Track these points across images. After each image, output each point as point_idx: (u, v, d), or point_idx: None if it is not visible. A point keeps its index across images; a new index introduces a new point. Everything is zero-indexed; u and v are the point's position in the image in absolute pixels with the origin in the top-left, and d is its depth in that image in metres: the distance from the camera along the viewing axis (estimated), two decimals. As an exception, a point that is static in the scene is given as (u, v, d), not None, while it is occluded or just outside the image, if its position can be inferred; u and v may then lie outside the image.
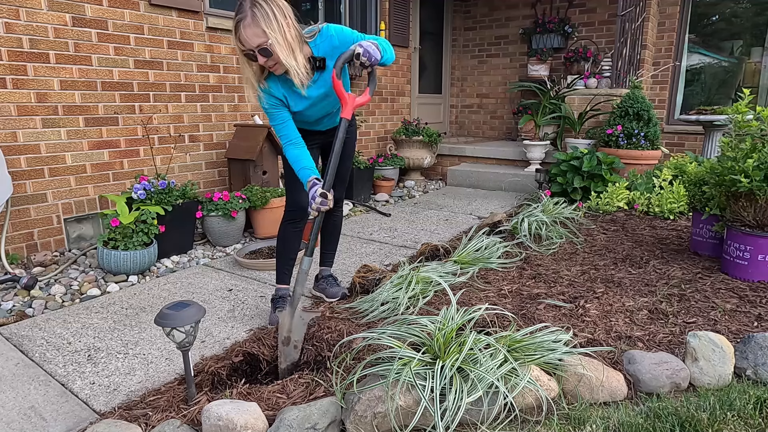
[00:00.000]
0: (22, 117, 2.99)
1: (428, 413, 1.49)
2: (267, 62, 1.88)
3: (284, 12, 1.86)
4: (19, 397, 1.76)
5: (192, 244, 3.40)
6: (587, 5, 6.34)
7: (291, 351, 1.93)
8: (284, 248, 2.33)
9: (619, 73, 5.39)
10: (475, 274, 2.82)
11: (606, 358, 1.89)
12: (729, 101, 6.07)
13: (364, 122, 5.70)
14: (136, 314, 2.42)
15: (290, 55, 1.86)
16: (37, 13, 2.97)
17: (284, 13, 1.85)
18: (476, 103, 7.46)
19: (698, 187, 3.05)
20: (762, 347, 1.81)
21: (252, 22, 1.80)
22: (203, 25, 3.85)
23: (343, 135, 1.93)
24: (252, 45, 1.83)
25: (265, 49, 1.83)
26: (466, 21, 7.30)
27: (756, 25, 5.80)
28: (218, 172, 4.15)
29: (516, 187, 5.41)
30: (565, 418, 1.58)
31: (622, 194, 4.28)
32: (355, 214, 4.50)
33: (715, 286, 2.60)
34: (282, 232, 2.31)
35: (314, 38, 1.99)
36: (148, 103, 3.59)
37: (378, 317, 2.28)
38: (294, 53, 1.87)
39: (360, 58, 1.83)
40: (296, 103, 2.05)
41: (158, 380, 1.87)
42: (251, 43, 1.82)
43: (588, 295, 2.49)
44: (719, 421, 1.51)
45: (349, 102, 1.95)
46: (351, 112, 1.96)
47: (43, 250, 3.16)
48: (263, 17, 1.80)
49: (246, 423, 1.44)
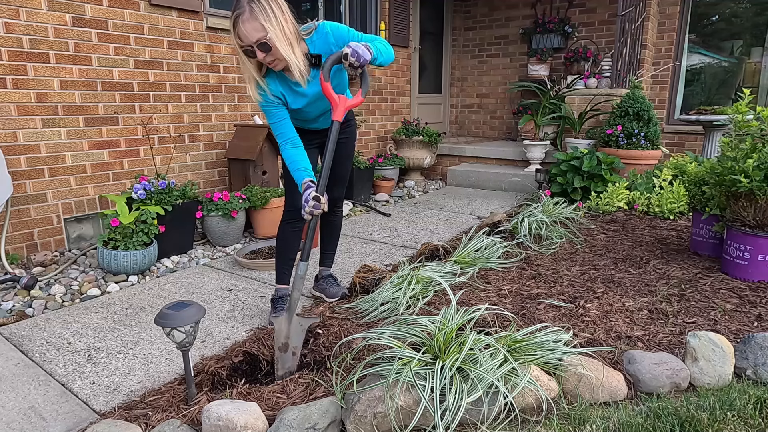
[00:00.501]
0: (22, 117, 2.99)
1: (428, 413, 1.49)
2: (266, 58, 1.88)
3: (281, 7, 1.86)
4: (19, 397, 1.76)
5: (192, 244, 3.40)
6: (587, 5, 6.34)
7: (289, 358, 1.88)
8: (284, 248, 2.32)
9: (619, 73, 5.39)
10: (475, 274, 2.82)
11: (606, 358, 1.89)
12: (729, 101, 6.07)
13: (364, 122, 5.70)
14: (136, 314, 2.42)
15: (289, 48, 1.86)
16: (37, 13, 2.97)
17: (281, 8, 1.86)
18: (476, 103, 7.46)
19: (698, 187, 3.05)
20: (762, 347, 1.81)
21: (250, 17, 1.80)
22: (203, 25, 3.85)
23: (335, 137, 1.91)
24: (251, 40, 1.83)
25: (264, 44, 1.83)
26: (466, 21, 7.30)
27: (756, 25, 5.80)
28: (218, 172, 4.15)
29: (516, 187, 5.41)
30: (565, 418, 1.58)
31: (622, 194, 4.28)
32: (355, 214, 4.50)
33: (715, 286, 2.60)
34: (281, 232, 2.31)
35: (310, 35, 1.98)
36: (148, 103, 3.59)
37: (378, 317, 2.28)
38: (293, 47, 1.88)
39: (348, 58, 1.82)
40: (294, 100, 2.04)
41: (158, 380, 1.87)
42: (250, 38, 1.83)
43: (588, 295, 2.49)
44: (719, 421, 1.51)
45: (339, 104, 1.93)
46: (342, 113, 1.93)
47: (43, 250, 3.16)
48: (261, 12, 1.80)
49: (246, 423, 1.44)
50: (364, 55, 1.82)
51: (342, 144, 2.32)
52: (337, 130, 1.92)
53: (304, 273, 1.93)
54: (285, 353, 1.88)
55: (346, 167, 2.38)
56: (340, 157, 2.34)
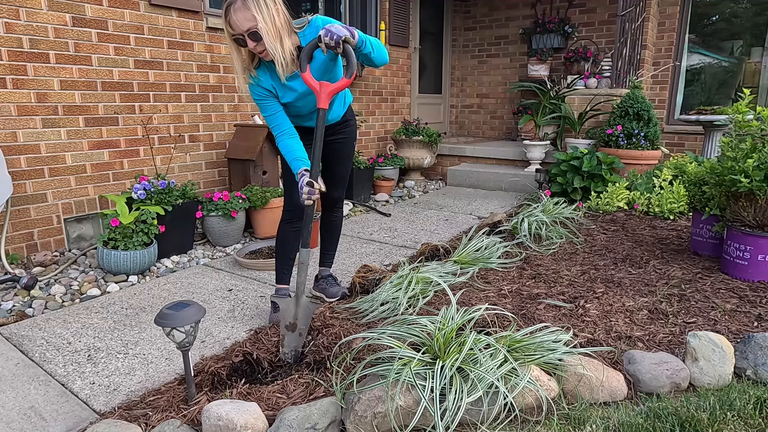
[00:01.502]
0: (22, 117, 2.99)
1: (428, 413, 1.49)
2: (256, 47, 1.89)
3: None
4: (19, 397, 1.76)
5: (192, 244, 3.40)
6: (587, 5, 6.34)
7: (295, 337, 1.94)
8: (283, 248, 2.32)
9: (619, 73, 5.39)
10: (475, 274, 2.82)
11: (606, 358, 1.89)
12: (729, 101, 6.07)
13: (364, 122, 5.70)
14: (136, 314, 2.42)
15: (277, 40, 1.87)
16: (37, 13, 2.97)
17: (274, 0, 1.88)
18: (476, 103, 7.46)
19: (698, 187, 3.05)
20: (762, 347, 1.81)
21: (242, 6, 1.83)
22: (203, 25, 3.85)
23: (322, 125, 1.89)
24: (242, 29, 1.85)
25: (254, 33, 1.85)
26: (466, 21, 7.30)
27: (756, 25, 5.80)
28: (218, 172, 4.15)
29: (516, 187, 5.41)
30: (565, 418, 1.58)
31: (622, 194, 4.28)
32: (355, 214, 4.50)
33: (715, 286, 2.60)
34: (281, 232, 2.31)
35: (303, 29, 1.99)
36: (148, 103, 3.59)
37: (378, 317, 2.28)
38: (282, 39, 1.88)
39: (322, 39, 1.80)
40: (284, 94, 2.05)
41: (158, 380, 1.87)
42: (241, 27, 1.85)
43: (588, 295, 2.49)
44: (719, 421, 1.51)
45: (321, 90, 1.87)
46: (327, 99, 1.88)
47: (43, 250, 3.16)
48: (253, 1, 1.83)
49: (246, 423, 1.44)
50: (338, 32, 1.78)
51: (341, 144, 2.31)
52: (323, 118, 1.89)
53: (306, 259, 1.96)
54: (293, 332, 1.93)
55: (346, 168, 2.38)
56: (340, 158, 2.33)
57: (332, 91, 1.89)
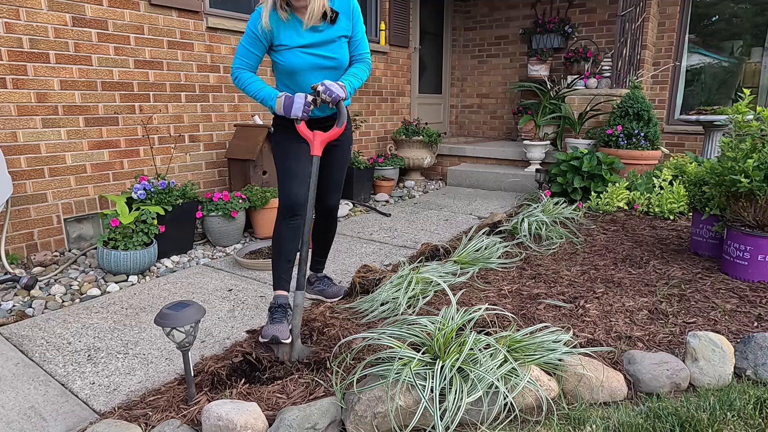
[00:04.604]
0: (22, 117, 2.99)
1: (428, 413, 1.49)
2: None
3: None
4: (19, 397, 1.76)
5: (192, 244, 3.40)
6: (587, 5, 6.34)
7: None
8: (281, 249, 2.16)
9: (619, 73, 5.39)
10: (475, 274, 2.82)
11: (606, 358, 1.89)
12: (729, 101, 6.07)
13: (364, 122, 5.70)
14: (136, 314, 2.42)
15: None
16: (37, 13, 2.97)
17: None
18: (476, 103, 7.46)
19: (698, 188, 3.05)
20: (762, 347, 1.81)
21: None
22: (203, 25, 3.85)
23: (316, 171, 2.00)
24: None
25: None
26: (466, 21, 7.30)
27: (756, 25, 5.80)
28: (218, 172, 4.15)
29: (516, 187, 5.41)
30: (565, 418, 1.58)
31: (622, 194, 4.28)
32: (355, 214, 4.50)
33: (715, 286, 2.60)
34: (278, 231, 2.16)
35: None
36: (148, 103, 3.59)
37: (378, 317, 2.28)
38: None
39: (320, 95, 1.97)
40: (286, 35, 2.05)
41: (158, 380, 1.87)
42: None
43: (588, 295, 2.49)
44: (719, 422, 1.51)
45: (315, 139, 2.02)
46: (320, 148, 2.02)
47: (43, 250, 3.16)
48: None
49: (246, 423, 1.44)
50: (337, 92, 1.96)
51: (337, 147, 2.27)
52: (317, 164, 2.01)
53: (300, 303, 1.97)
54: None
55: (342, 173, 2.34)
56: (337, 162, 2.30)
57: (325, 139, 2.03)
